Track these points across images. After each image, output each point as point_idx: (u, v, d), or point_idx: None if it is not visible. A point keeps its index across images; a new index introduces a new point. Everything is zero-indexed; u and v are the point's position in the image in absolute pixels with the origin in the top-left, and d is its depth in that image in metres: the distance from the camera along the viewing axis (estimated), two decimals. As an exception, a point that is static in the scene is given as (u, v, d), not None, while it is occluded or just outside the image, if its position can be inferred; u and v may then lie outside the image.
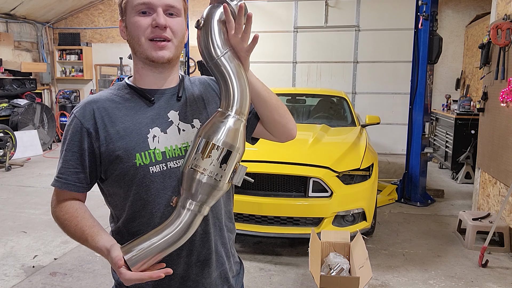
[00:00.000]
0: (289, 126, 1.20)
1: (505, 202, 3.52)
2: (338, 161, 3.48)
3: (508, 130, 3.73)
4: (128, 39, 1.12)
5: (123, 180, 1.09)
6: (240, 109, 1.01)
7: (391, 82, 8.11)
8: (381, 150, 7.95)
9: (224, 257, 1.23)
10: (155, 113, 1.13)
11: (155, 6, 1.06)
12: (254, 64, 7.28)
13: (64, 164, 1.10)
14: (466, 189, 5.69)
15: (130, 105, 1.13)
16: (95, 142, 1.08)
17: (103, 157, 1.09)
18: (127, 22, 1.11)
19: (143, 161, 1.08)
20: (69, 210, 1.11)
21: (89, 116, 1.09)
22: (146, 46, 1.08)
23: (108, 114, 1.10)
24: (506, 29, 3.73)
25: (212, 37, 1.01)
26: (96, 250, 1.05)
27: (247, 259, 3.46)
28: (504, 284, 3.10)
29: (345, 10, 8.17)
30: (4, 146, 6.70)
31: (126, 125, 1.09)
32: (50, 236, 3.92)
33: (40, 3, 8.53)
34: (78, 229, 1.08)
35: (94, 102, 1.12)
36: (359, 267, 2.69)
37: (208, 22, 1.01)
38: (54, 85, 9.81)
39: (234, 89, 1.01)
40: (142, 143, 1.09)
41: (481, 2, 7.62)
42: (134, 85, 1.15)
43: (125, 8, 1.10)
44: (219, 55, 1.01)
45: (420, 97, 5.00)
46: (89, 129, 1.08)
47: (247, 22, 1.03)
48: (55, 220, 1.13)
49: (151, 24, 1.07)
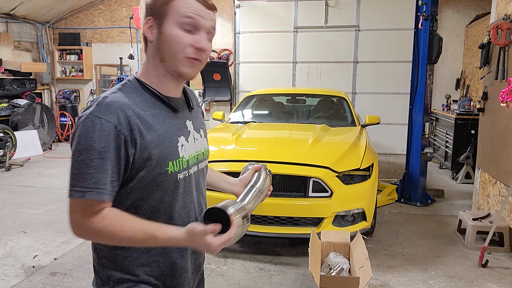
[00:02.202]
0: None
1: (505, 202, 3.52)
2: (338, 161, 3.48)
3: (508, 130, 3.73)
4: (159, 46, 1.11)
5: (150, 186, 1.10)
6: (248, 209, 1.27)
7: (391, 82, 8.11)
8: (381, 150, 7.96)
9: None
10: (178, 122, 1.18)
11: (200, 27, 1.10)
12: (254, 64, 7.31)
13: (101, 173, 1.01)
14: (466, 189, 5.69)
15: (156, 112, 1.13)
16: (130, 150, 1.05)
17: (135, 164, 1.07)
18: (164, 29, 1.09)
19: (174, 169, 1.13)
20: (113, 216, 1.04)
21: (124, 122, 1.04)
22: (182, 62, 1.10)
23: (142, 121, 1.07)
24: (506, 29, 3.73)
25: (259, 179, 1.43)
26: (170, 240, 1.05)
27: (247, 259, 3.46)
28: (504, 284, 3.10)
29: (345, 10, 8.17)
30: (4, 146, 6.70)
31: (159, 133, 1.10)
32: (50, 236, 3.92)
33: (40, 3, 8.53)
34: (137, 229, 1.04)
35: (125, 107, 1.06)
36: (359, 267, 2.69)
37: (270, 175, 1.49)
38: (54, 85, 9.81)
39: (248, 199, 1.33)
40: (174, 151, 1.13)
41: (481, 2, 7.62)
42: (159, 92, 1.14)
43: (166, 12, 1.08)
44: (257, 187, 1.40)
45: (420, 97, 5.00)
46: (126, 136, 1.04)
47: (269, 191, 1.44)
48: (89, 233, 1.05)
49: (192, 44, 1.09)
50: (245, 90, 8.58)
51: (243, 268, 3.31)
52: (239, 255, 3.53)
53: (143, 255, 1.15)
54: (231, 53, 8.77)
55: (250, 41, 8.64)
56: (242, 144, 3.83)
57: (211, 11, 1.12)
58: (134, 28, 8.40)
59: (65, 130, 9.29)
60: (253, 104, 5.37)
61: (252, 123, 4.67)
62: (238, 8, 8.57)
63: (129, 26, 8.55)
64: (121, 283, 1.15)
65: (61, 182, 5.86)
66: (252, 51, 8.64)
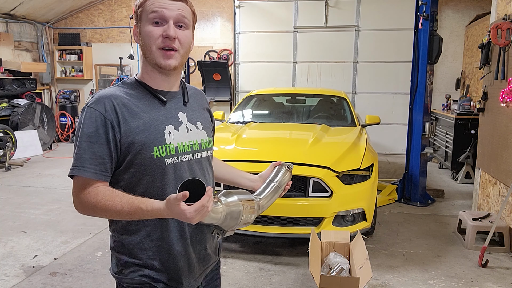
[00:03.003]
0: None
1: (505, 202, 3.52)
2: (338, 161, 3.48)
3: (508, 130, 3.73)
4: (141, 45, 1.25)
5: (139, 169, 1.22)
6: (262, 203, 1.42)
7: (391, 82, 8.11)
8: (381, 150, 7.96)
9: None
10: (167, 113, 1.28)
11: (167, 18, 1.21)
12: (254, 64, 7.29)
13: (92, 155, 1.17)
14: (466, 189, 5.69)
15: (145, 102, 1.25)
16: (117, 134, 1.19)
17: (122, 148, 1.20)
18: (141, 29, 1.24)
19: (160, 154, 1.22)
20: (106, 192, 1.16)
21: (110, 110, 1.19)
22: (156, 54, 1.22)
23: (127, 109, 1.21)
24: (506, 29, 3.72)
25: (278, 174, 1.52)
26: (153, 211, 1.11)
27: (247, 259, 3.46)
28: (504, 284, 3.09)
29: (345, 10, 8.17)
30: (4, 146, 6.70)
31: (145, 120, 1.22)
32: (50, 236, 3.92)
33: (40, 3, 8.53)
34: (125, 203, 1.14)
35: (112, 97, 1.21)
36: (359, 267, 2.69)
37: (290, 171, 1.57)
38: (54, 85, 9.81)
39: (265, 194, 1.46)
40: (160, 137, 1.23)
41: (481, 2, 7.62)
42: (148, 85, 1.28)
43: (140, 15, 1.24)
44: (275, 181, 1.50)
45: (420, 97, 5.00)
46: (112, 122, 1.18)
47: (287, 185, 1.54)
48: (86, 207, 1.18)
49: (162, 35, 1.21)
50: (245, 90, 8.58)
51: (243, 268, 3.31)
52: (239, 255, 3.53)
53: (145, 239, 1.26)
54: (231, 53, 8.77)
55: (250, 41, 8.64)
56: (242, 144, 3.82)
57: (176, 1, 1.22)
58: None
59: (65, 130, 9.29)
60: (253, 104, 5.37)
61: (252, 123, 4.67)
62: (238, 8, 8.57)
63: (129, 26, 8.55)
64: (128, 267, 1.27)
65: (61, 182, 5.86)
66: (252, 51, 8.64)
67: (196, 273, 1.35)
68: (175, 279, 1.29)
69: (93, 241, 3.79)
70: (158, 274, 1.27)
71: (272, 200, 1.47)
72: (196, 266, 1.34)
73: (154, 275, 1.27)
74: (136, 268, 1.26)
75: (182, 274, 1.30)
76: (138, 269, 1.26)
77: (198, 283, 1.38)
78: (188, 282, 1.32)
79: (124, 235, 1.27)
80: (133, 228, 1.26)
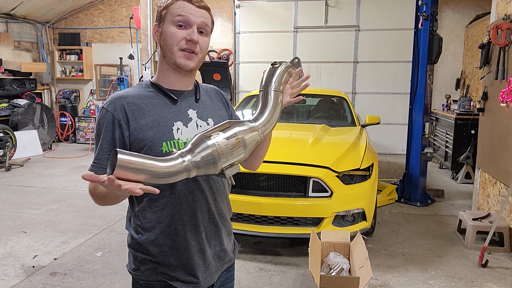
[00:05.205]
0: (255, 166, 1.49)
1: (505, 202, 3.52)
2: (338, 161, 3.48)
3: (508, 130, 3.73)
4: (161, 44, 1.30)
5: None
6: (263, 128, 1.26)
7: (391, 82, 8.11)
8: (381, 150, 7.95)
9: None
10: (177, 110, 1.32)
11: (192, 23, 1.27)
12: (254, 64, 7.28)
13: (100, 151, 1.25)
14: (466, 189, 5.69)
15: (155, 101, 1.31)
16: (125, 132, 1.25)
17: (133, 145, 1.26)
18: (164, 29, 1.29)
19: (168, 149, 1.26)
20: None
21: (119, 109, 1.26)
22: (178, 54, 1.28)
23: (137, 108, 1.27)
24: (506, 29, 3.73)
25: (276, 75, 1.33)
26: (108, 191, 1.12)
27: (247, 259, 3.46)
28: (504, 284, 3.10)
29: (345, 10, 8.17)
30: (4, 146, 6.70)
31: (154, 118, 1.28)
32: (50, 236, 3.92)
33: (40, 3, 8.53)
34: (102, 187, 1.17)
35: (123, 98, 1.28)
36: (359, 267, 2.69)
37: (280, 66, 1.35)
38: (54, 85, 9.80)
39: (266, 114, 1.29)
40: (168, 133, 1.28)
41: (481, 2, 7.62)
42: (160, 85, 1.33)
43: (164, 16, 1.29)
44: (272, 89, 1.32)
45: (420, 97, 5.00)
46: (120, 121, 1.25)
47: (300, 88, 1.38)
48: (94, 196, 1.24)
49: (185, 38, 1.26)
50: (245, 90, 8.58)
51: (243, 268, 3.31)
52: (239, 255, 3.53)
53: (160, 236, 1.29)
54: (231, 53, 8.77)
55: (250, 41, 8.63)
56: (242, 144, 3.82)
57: (202, 10, 1.29)
58: (134, 28, 8.38)
59: (65, 130, 9.29)
60: (253, 104, 5.37)
61: (252, 123, 4.66)
62: (238, 8, 8.57)
63: (129, 26, 8.53)
64: (145, 264, 1.32)
65: (61, 182, 5.86)
66: (252, 51, 8.64)
67: (211, 268, 1.37)
68: (191, 274, 1.31)
69: (93, 241, 3.79)
70: (174, 271, 1.31)
71: (276, 114, 1.28)
72: (211, 261, 1.36)
73: (170, 272, 1.30)
74: (153, 265, 1.31)
75: (198, 269, 1.32)
76: (154, 266, 1.31)
77: (214, 279, 1.39)
78: (204, 277, 1.34)
79: (137, 233, 1.32)
80: (148, 226, 1.30)
